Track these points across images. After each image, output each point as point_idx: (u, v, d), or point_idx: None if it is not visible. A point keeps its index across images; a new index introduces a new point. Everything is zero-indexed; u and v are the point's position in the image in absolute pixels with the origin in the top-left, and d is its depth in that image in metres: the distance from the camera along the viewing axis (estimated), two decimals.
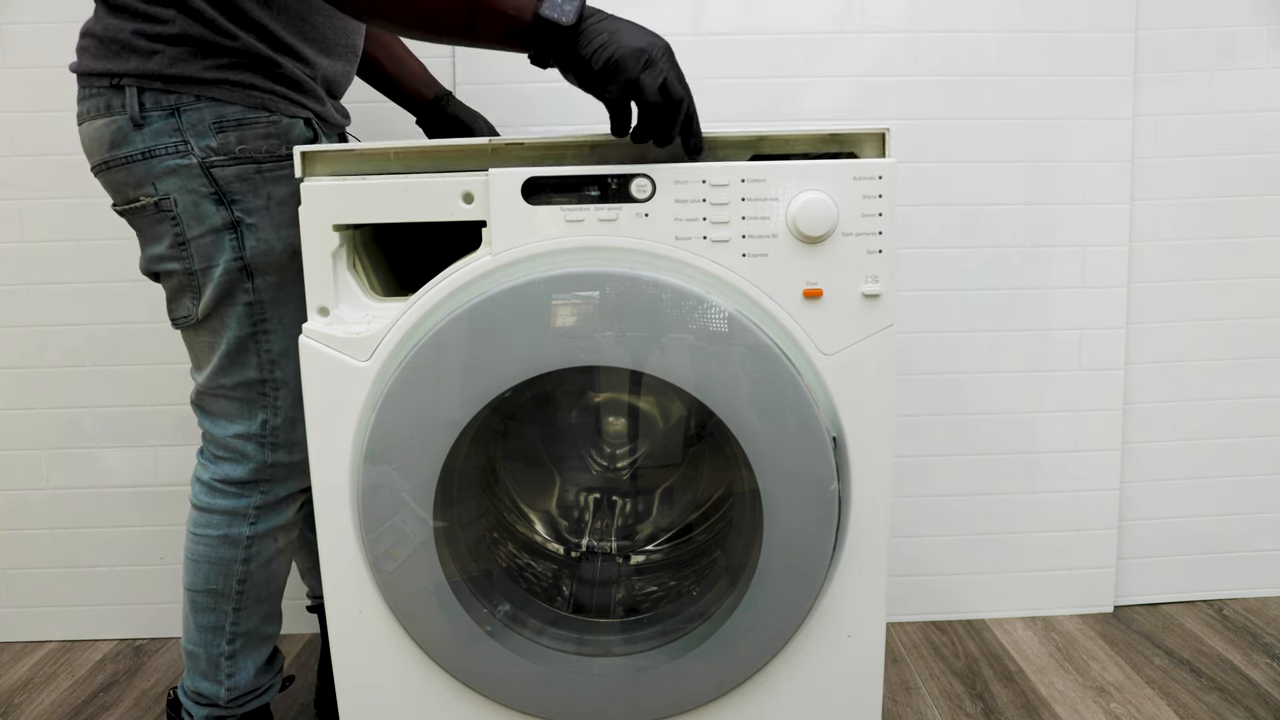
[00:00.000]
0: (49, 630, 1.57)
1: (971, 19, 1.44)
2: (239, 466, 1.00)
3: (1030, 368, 1.53)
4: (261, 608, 1.06)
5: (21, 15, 1.42)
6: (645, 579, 1.13)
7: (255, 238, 0.94)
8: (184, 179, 0.91)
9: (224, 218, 0.93)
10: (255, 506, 1.01)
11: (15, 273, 1.48)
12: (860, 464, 0.93)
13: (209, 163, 0.91)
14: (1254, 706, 1.27)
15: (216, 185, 0.92)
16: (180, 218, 0.92)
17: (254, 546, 1.02)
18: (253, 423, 0.99)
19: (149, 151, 0.90)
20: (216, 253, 0.93)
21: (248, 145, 0.92)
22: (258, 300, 0.96)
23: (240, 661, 1.05)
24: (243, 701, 1.06)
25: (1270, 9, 1.48)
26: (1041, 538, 1.57)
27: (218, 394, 0.99)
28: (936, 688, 1.35)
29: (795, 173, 0.89)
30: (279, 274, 0.96)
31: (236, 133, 0.92)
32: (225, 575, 1.02)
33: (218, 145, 0.91)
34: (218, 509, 1.01)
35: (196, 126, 0.90)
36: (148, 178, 0.91)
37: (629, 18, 0.86)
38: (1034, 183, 1.48)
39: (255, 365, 0.98)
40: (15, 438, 1.53)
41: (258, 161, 0.93)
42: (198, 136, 0.90)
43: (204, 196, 0.92)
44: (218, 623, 1.03)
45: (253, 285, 0.95)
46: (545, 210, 0.89)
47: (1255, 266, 1.54)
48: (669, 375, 0.88)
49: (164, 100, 0.90)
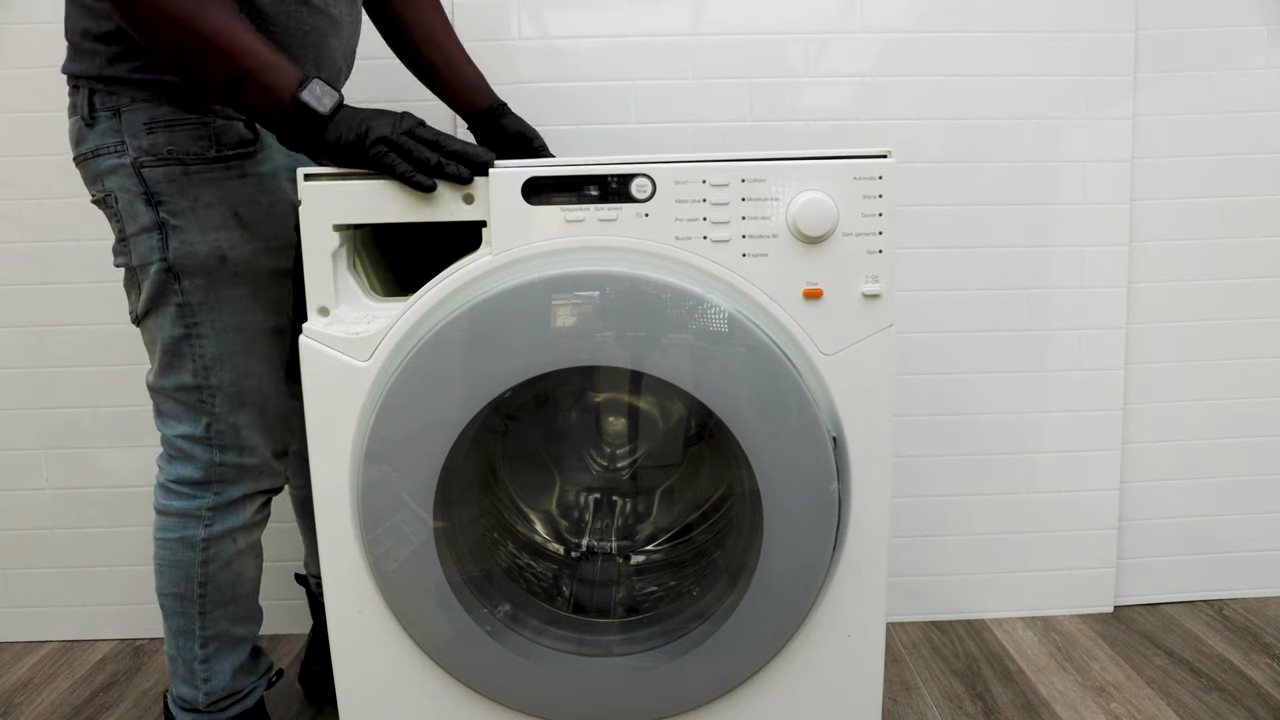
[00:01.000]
0: (49, 630, 1.57)
1: (971, 19, 1.44)
2: (188, 466, 1.00)
3: (1030, 368, 1.53)
4: (228, 610, 1.05)
5: (21, 15, 1.42)
6: (645, 579, 1.13)
7: (179, 239, 0.94)
8: (122, 178, 0.93)
9: (151, 218, 0.93)
10: (208, 508, 1.01)
11: (15, 273, 1.48)
12: (860, 464, 0.93)
13: (139, 163, 0.92)
14: (1254, 706, 1.27)
15: (145, 185, 0.93)
16: (121, 215, 0.94)
17: (211, 549, 1.02)
18: (197, 425, 0.99)
19: (96, 150, 0.93)
20: (149, 252, 0.94)
21: (176, 147, 0.93)
22: (186, 303, 0.96)
23: (215, 665, 1.05)
24: (223, 705, 1.06)
25: (1270, 9, 1.48)
26: (1041, 538, 1.56)
27: (163, 394, 1.00)
28: (936, 688, 1.35)
29: (795, 172, 0.89)
30: (206, 277, 0.95)
31: (166, 134, 0.92)
32: (186, 578, 1.02)
33: (148, 145, 0.92)
34: (173, 510, 1.01)
35: (132, 127, 0.92)
36: (98, 175, 0.94)
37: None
38: (1034, 183, 1.48)
39: (190, 370, 0.98)
40: (15, 438, 1.53)
41: (184, 163, 0.93)
42: (133, 137, 0.92)
43: (136, 196, 0.93)
44: (187, 626, 1.03)
45: (180, 287, 0.95)
46: (545, 210, 0.89)
47: (1255, 266, 1.54)
48: (669, 375, 0.88)
49: (109, 101, 0.92)
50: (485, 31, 1.44)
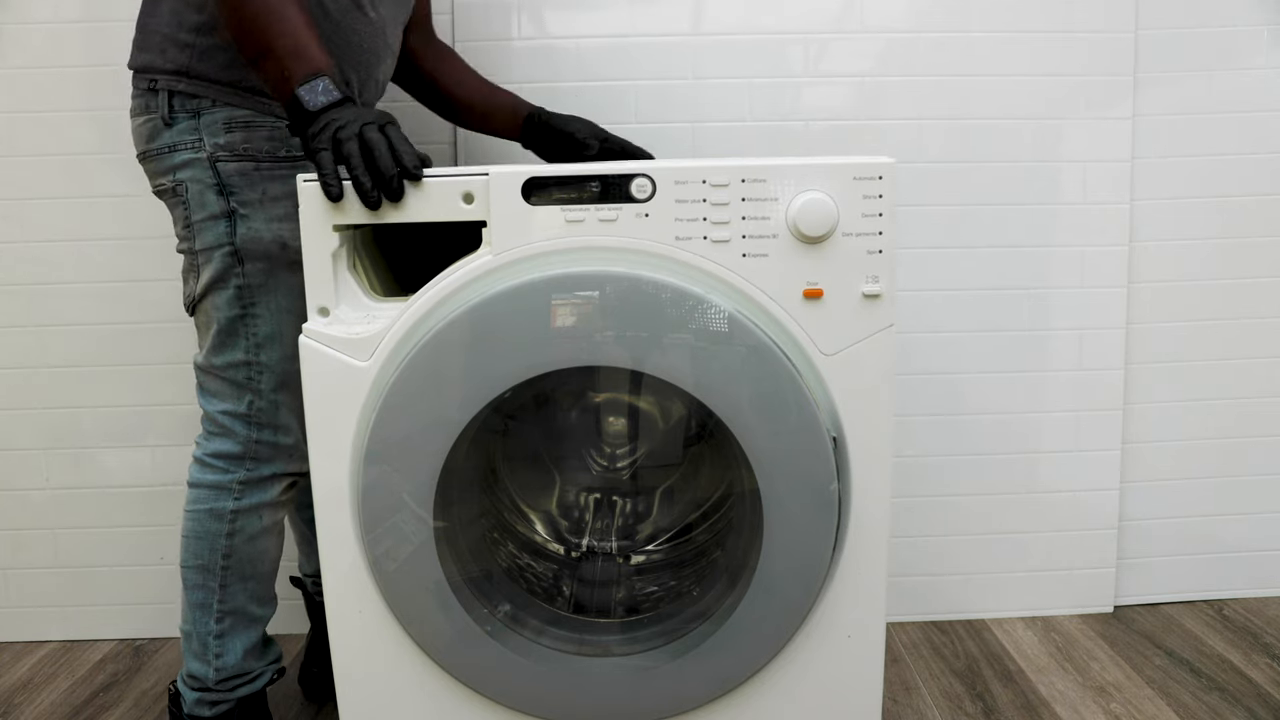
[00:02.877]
0: (49, 630, 1.57)
1: (971, 19, 1.44)
2: (227, 441, 1.06)
3: (1030, 368, 1.53)
4: (248, 586, 1.09)
5: (21, 15, 1.42)
6: (645, 579, 1.13)
7: (246, 226, 1.02)
8: (196, 170, 1.01)
9: (221, 207, 1.01)
10: (239, 481, 1.06)
11: (15, 273, 1.48)
12: (860, 464, 0.93)
13: (215, 157, 1.01)
14: (1254, 706, 1.27)
15: (219, 177, 1.01)
16: (189, 203, 1.02)
17: (238, 521, 1.06)
18: (240, 403, 1.05)
19: (173, 146, 1.02)
20: (213, 237, 1.02)
21: (251, 145, 1.02)
22: (246, 285, 1.03)
23: (228, 642, 1.08)
24: (231, 685, 1.09)
25: (1270, 9, 1.48)
26: (1041, 538, 1.57)
27: (211, 373, 1.06)
28: (936, 688, 1.35)
29: (795, 173, 0.89)
30: (267, 262, 1.03)
31: (243, 132, 1.01)
32: (211, 549, 1.06)
33: (225, 143, 1.01)
34: (206, 483, 1.06)
35: (211, 127, 1.01)
36: (170, 167, 1.02)
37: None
38: (1034, 183, 1.48)
39: (243, 348, 1.04)
40: (15, 438, 1.53)
41: (257, 160, 1.02)
42: (211, 135, 1.01)
43: (208, 186, 1.01)
44: (206, 599, 1.07)
45: (242, 270, 1.03)
46: (545, 210, 0.90)
47: (1255, 266, 1.54)
48: (669, 375, 0.88)
49: (189, 104, 1.01)
50: (485, 31, 1.44)
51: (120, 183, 1.46)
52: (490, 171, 0.89)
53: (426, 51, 1.29)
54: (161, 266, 1.48)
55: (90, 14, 1.42)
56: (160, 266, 1.48)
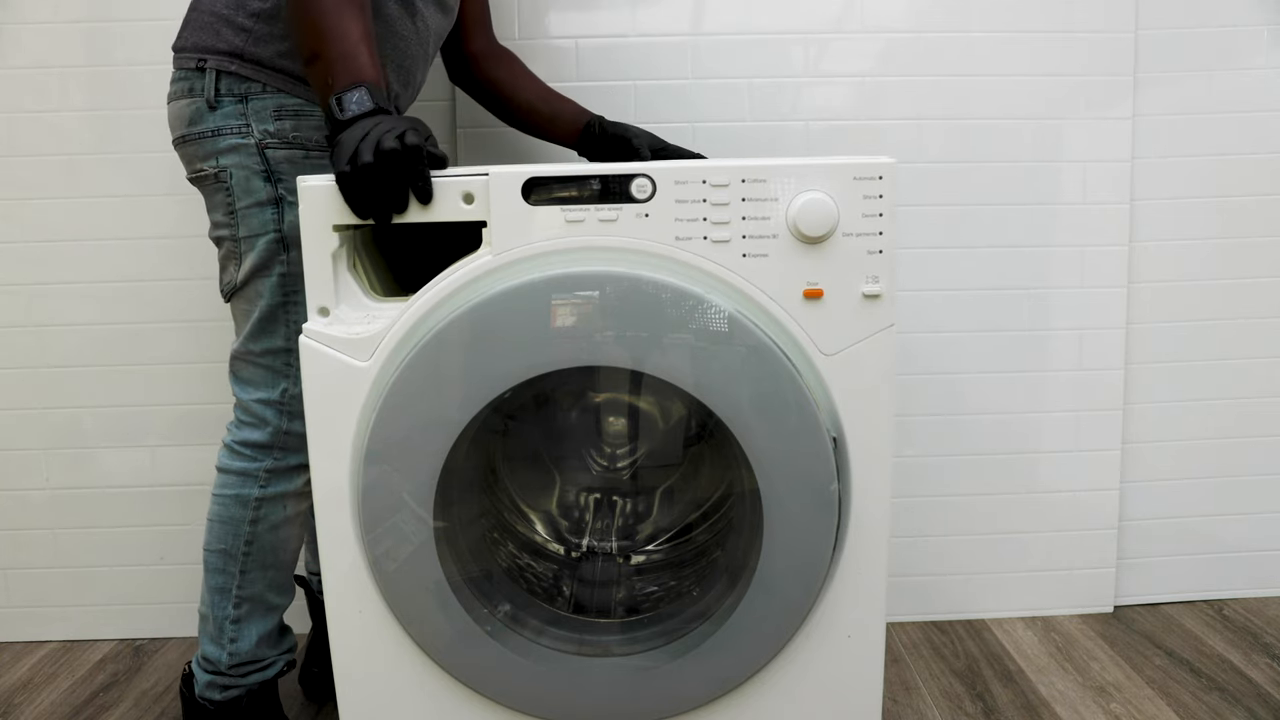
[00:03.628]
0: (49, 630, 1.57)
1: (970, 19, 1.44)
2: (258, 430, 1.07)
3: (1030, 368, 1.53)
4: (267, 574, 1.10)
5: (21, 15, 1.42)
6: (645, 579, 1.13)
7: (294, 214, 1.02)
8: (241, 156, 1.01)
9: (269, 193, 1.02)
10: (266, 470, 1.07)
11: (15, 273, 1.48)
12: (860, 464, 0.93)
13: (264, 144, 1.01)
14: (1254, 706, 1.27)
15: (267, 164, 1.01)
16: (233, 189, 1.02)
17: (262, 508, 1.08)
18: (274, 390, 1.06)
19: (217, 130, 1.01)
20: (259, 224, 1.02)
21: (300, 134, 1.03)
22: (290, 272, 1.04)
23: (244, 627, 1.10)
24: (244, 670, 1.10)
25: (1270, 9, 1.48)
26: (1041, 538, 1.57)
27: (248, 360, 1.07)
28: (936, 688, 1.35)
29: (795, 173, 0.89)
30: None
31: (293, 121, 1.02)
32: (234, 535, 1.08)
33: (274, 130, 1.01)
34: (234, 470, 1.08)
35: (260, 113, 1.01)
36: (213, 152, 1.02)
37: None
38: (1034, 183, 1.48)
39: (283, 335, 1.05)
40: (15, 438, 1.53)
41: (306, 148, 1.03)
42: (259, 121, 1.01)
43: (255, 173, 1.01)
44: (225, 584, 1.09)
45: (287, 258, 1.03)
46: (545, 210, 0.90)
47: (1255, 266, 1.54)
48: (669, 375, 0.88)
49: (237, 88, 1.00)
50: None
51: (120, 183, 1.46)
52: (490, 171, 0.89)
53: (487, 56, 1.30)
54: (162, 266, 1.48)
55: (90, 14, 1.42)
56: (160, 266, 1.48)
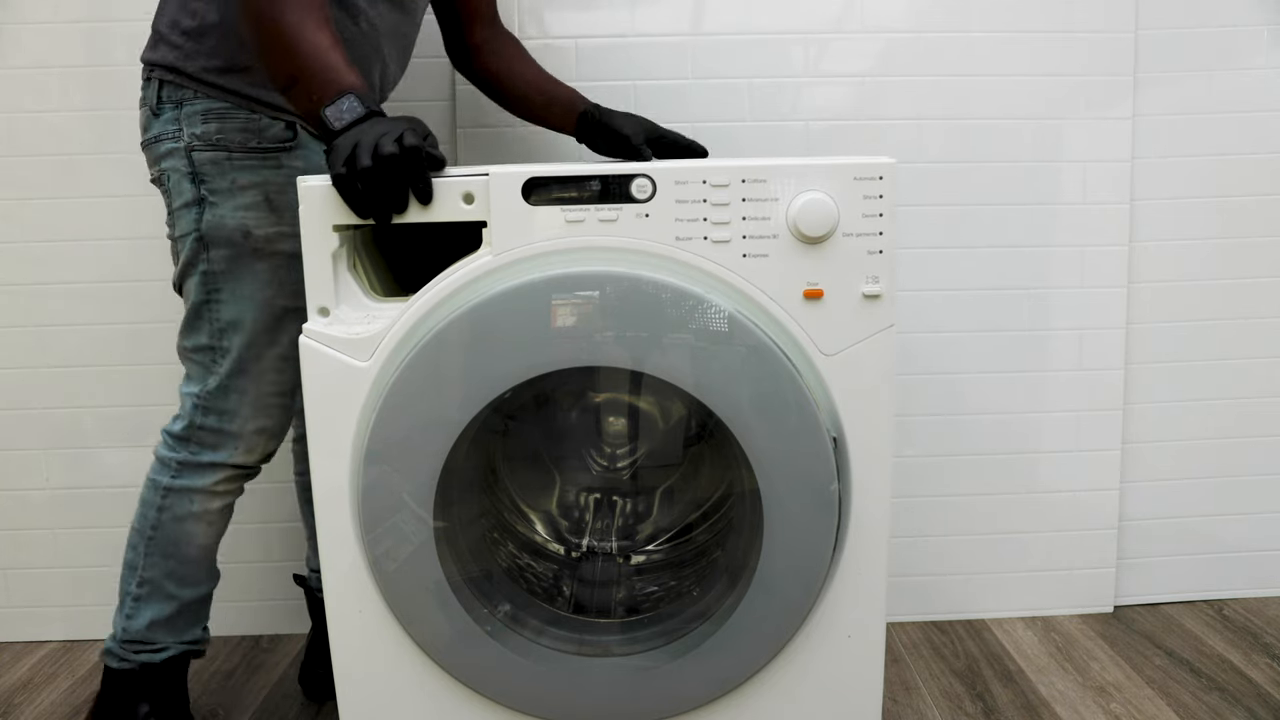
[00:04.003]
0: (49, 630, 1.57)
1: (970, 19, 1.44)
2: (179, 422, 1.11)
3: (1030, 368, 1.53)
4: (167, 563, 1.12)
5: (21, 15, 1.42)
6: (645, 579, 1.13)
7: (212, 214, 1.05)
8: (175, 160, 1.05)
9: (193, 194, 1.05)
10: (179, 461, 1.11)
11: (15, 273, 1.48)
12: (860, 464, 0.93)
13: (191, 147, 1.04)
14: (1254, 706, 1.27)
15: (193, 166, 1.05)
16: (170, 191, 1.07)
17: (169, 498, 1.11)
18: (200, 385, 1.10)
19: (159, 136, 1.06)
20: (187, 224, 1.06)
21: (224, 135, 1.05)
22: (210, 270, 1.06)
23: (141, 607, 1.13)
24: (134, 648, 1.13)
25: (1270, 9, 1.48)
26: (1041, 538, 1.57)
27: (181, 354, 1.12)
28: (936, 688, 1.35)
29: (795, 173, 0.89)
30: (231, 249, 1.06)
31: (218, 123, 1.04)
32: (143, 518, 1.12)
33: (200, 133, 1.04)
34: (157, 455, 1.13)
35: (190, 118, 1.04)
36: (157, 157, 1.07)
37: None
38: (1034, 183, 1.48)
39: (206, 332, 1.08)
40: (15, 438, 1.53)
41: (229, 150, 1.05)
42: (189, 125, 1.04)
43: (184, 175, 1.05)
44: (134, 561, 1.13)
45: (208, 256, 1.06)
46: (545, 210, 0.90)
47: (1255, 266, 1.54)
48: (669, 375, 0.88)
49: (174, 95, 1.05)
50: None
51: (120, 183, 1.46)
52: (490, 172, 0.89)
53: (487, 46, 1.30)
54: (162, 266, 1.47)
55: (90, 14, 1.42)
56: (160, 266, 1.47)
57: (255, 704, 1.35)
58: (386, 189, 0.87)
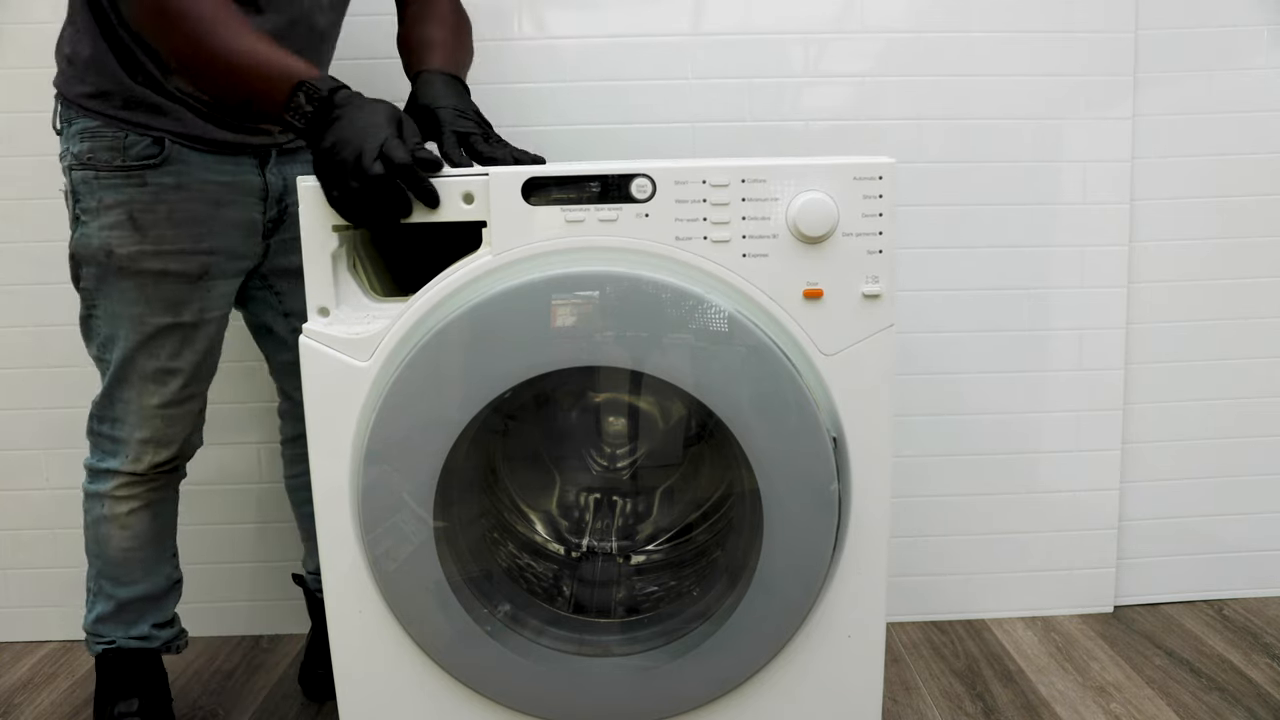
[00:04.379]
0: (49, 630, 1.57)
1: (970, 19, 1.44)
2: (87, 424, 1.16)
3: (1030, 368, 1.53)
4: (97, 563, 1.18)
5: (21, 15, 1.42)
6: (645, 579, 1.13)
7: (81, 232, 1.07)
8: (64, 178, 1.08)
9: (72, 213, 1.08)
10: (89, 466, 1.16)
11: (15, 273, 1.48)
12: (860, 464, 0.93)
13: (70, 166, 1.07)
14: (1254, 706, 1.27)
15: (72, 185, 1.07)
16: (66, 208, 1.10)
17: (87, 502, 1.16)
18: (98, 393, 1.14)
19: (60, 155, 1.08)
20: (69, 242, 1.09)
21: (94, 155, 1.05)
22: (85, 288, 1.09)
23: (93, 601, 1.19)
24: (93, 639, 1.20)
25: (1270, 9, 1.48)
26: (1041, 538, 1.56)
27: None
28: (936, 688, 1.35)
29: (795, 173, 0.89)
30: (97, 267, 1.07)
31: (90, 143, 1.05)
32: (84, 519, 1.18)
33: (77, 152, 1.06)
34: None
35: (72, 138, 1.06)
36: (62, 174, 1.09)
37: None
38: (1034, 183, 1.48)
39: (95, 343, 1.12)
40: (15, 438, 1.53)
41: (97, 169, 1.05)
42: (71, 144, 1.06)
43: (67, 194, 1.08)
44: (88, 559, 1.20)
45: (81, 274, 1.09)
46: (545, 210, 0.90)
47: (1255, 266, 1.54)
48: (669, 375, 0.88)
49: (66, 115, 1.07)
50: (485, 31, 1.43)
51: None
52: (490, 172, 0.89)
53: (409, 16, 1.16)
54: None
55: None
56: None
57: (255, 704, 1.35)
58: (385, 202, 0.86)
